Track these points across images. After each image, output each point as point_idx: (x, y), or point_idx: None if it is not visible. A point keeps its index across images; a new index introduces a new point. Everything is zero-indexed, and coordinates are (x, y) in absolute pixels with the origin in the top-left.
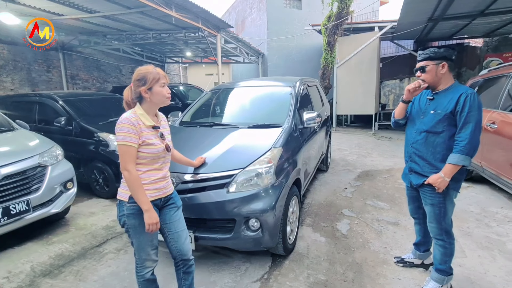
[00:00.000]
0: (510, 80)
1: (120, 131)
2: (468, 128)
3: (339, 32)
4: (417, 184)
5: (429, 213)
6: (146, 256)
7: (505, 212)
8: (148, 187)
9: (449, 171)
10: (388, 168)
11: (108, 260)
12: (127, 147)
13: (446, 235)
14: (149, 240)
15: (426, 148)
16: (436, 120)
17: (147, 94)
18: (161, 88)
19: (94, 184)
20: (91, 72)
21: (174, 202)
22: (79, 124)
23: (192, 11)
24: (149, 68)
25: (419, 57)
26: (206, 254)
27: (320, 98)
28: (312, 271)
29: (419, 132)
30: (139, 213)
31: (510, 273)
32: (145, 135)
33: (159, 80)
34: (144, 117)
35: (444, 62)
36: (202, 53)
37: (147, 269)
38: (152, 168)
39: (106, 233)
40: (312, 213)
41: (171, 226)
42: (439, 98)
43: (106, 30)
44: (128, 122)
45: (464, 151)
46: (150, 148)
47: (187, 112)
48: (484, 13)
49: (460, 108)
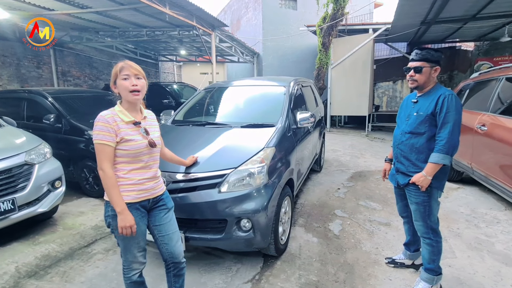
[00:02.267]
0: (500, 83)
1: (95, 129)
2: (446, 128)
3: (334, 33)
4: (403, 184)
5: (414, 211)
6: (132, 258)
7: (494, 213)
8: (133, 187)
9: (430, 170)
10: (380, 169)
11: (96, 260)
12: (101, 146)
13: (433, 234)
14: (135, 242)
15: (410, 149)
16: (418, 121)
17: (116, 89)
18: (122, 80)
19: (84, 183)
20: (82, 69)
21: (165, 204)
22: (69, 121)
23: (186, 9)
24: (117, 64)
25: (415, 57)
26: (197, 254)
27: (314, 99)
28: (304, 272)
29: (404, 133)
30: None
31: (498, 274)
32: (124, 131)
33: (122, 72)
34: (122, 114)
35: (438, 66)
36: (196, 52)
37: (134, 271)
38: (137, 167)
39: (95, 233)
40: (305, 213)
41: (162, 228)
42: (422, 101)
43: (99, 26)
44: (103, 120)
45: (443, 150)
46: (130, 145)
47: (180, 111)
48: (476, 17)
49: (439, 109)
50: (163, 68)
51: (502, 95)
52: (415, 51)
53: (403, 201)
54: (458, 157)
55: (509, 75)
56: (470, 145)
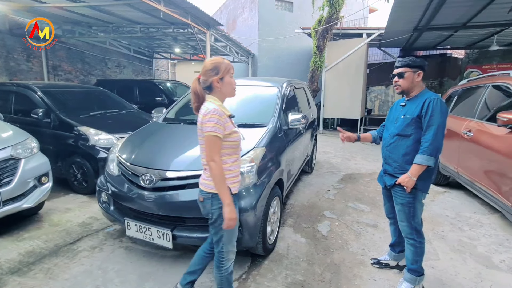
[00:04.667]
0: (486, 91)
1: (209, 122)
2: (431, 130)
3: (329, 36)
4: (390, 185)
5: (399, 212)
6: (232, 248)
7: (478, 217)
8: (237, 179)
9: (415, 171)
10: (370, 171)
11: (82, 258)
12: (215, 138)
13: (417, 234)
14: (236, 232)
15: (398, 150)
16: (405, 124)
17: (218, 84)
18: (230, 78)
19: (72, 180)
20: (74, 64)
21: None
22: (58, 116)
23: (181, 7)
24: (220, 59)
25: (398, 64)
26: (184, 253)
27: (307, 100)
28: (291, 272)
29: (392, 135)
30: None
31: (479, 276)
32: (228, 125)
33: (230, 71)
34: (223, 108)
35: (420, 71)
36: (191, 50)
37: (231, 261)
38: (236, 159)
39: (81, 230)
40: (294, 214)
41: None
42: (410, 104)
43: (92, 21)
44: (218, 113)
45: (427, 152)
46: (234, 136)
47: (172, 109)
48: (466, 26)
49: (424, 112)
50: (157, 65)
51: (488, 102)
52: (398, 59)
53: (390, 202)
54: (445, 162)
55: (495, 83)
56: (456, 150)
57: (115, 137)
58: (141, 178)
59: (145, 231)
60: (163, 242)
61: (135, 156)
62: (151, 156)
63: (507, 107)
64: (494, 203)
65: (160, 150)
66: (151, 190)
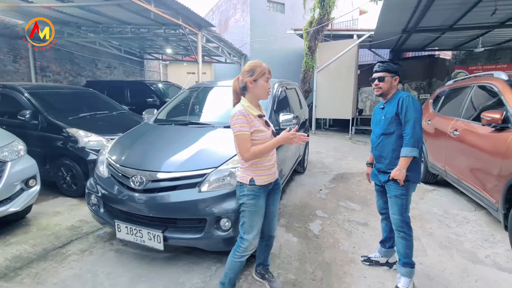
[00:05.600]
0: (471, 91)
1: (235, 124)
2: (409, 124)
3: (320, 37)
4: (384, 181)
5: (392, 205)
6: (249, 238)
7: (465, 214)
8: (263, 173)
9: (403, 163)
10: (362, 171)
11: (71, 262)
12: (243, 136)
13: (407, 227)
14: (260, 219)
15: (386, 148)
16: (387, 123)
17: (251, 84)
18: (264, 82)
19: (61, 182)
20: (63, 65)
21: (278, 185)
22: (46, 118)
23: (172, 7)
24: (258, 62)
25: (378, 68)
26: (176, 255)
27: (298, 101)
28: (282, 271)
29: (378, 135)
30: (257, 194)
31: (465, 271)
32: (255, 124)
33: (265, 75)
34: (250, 108)
35: (397, 76)
36: (183, 51)
37: (246, 252)
38: (265, 155)
39: (70, 233)
40: (286, 213)
41: (271, 207)
42: (387, 106)
43: (81, 21)
44: (240, 113)
45: (409, 144)
46: (261, 135)
47: (163, 110)
48: (453, 28)
49: (399, 109)
50: (148, 66)
51: (474, 102)
52: (378, 63)
53: (383, 198)
54: (433, 160)
55: (480, 83)
56: (444, 149)
57: (105, 139)
58: (131, 180)
59: (135, 233)
60: (154, 244)
61: (125, 158)
62: (141, 157)
63: (491, 107)
64: (479, 200)
65: (150, 151)
66: (142, 192)
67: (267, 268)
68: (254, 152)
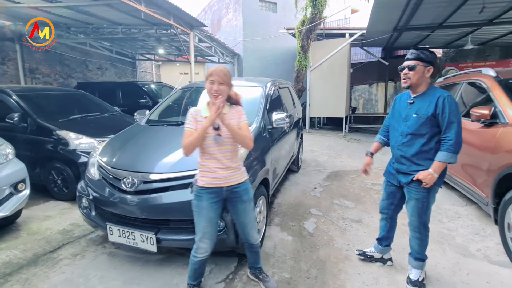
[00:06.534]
0: (461, 87)
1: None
2: (453, 128)
3: (312, 36)
4: (406, 182)
5: (412, 207)
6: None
7: (456, 209)
8: (206, 174)
9: (438, 168)
10: (355, 169)
11: (63, 266)
12: (186, 132)
13: (424, 228)
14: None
15: (412, 149)
16: (420, 123)
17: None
18: (208, 83)
19: (52, 186)
20: (53, 66)
21: (240, 196)
22: (35, 121)
23: (163, 7)
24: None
25: (410, 55)
26: (170, 256)
27: (291, 100)
28: (277, 270)
29: (405, 135)
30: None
31: (457, 265)
32: (200, 124)
33: (209, 77)
34: (204, 110)
35: (431, 67)
36: (175, 51)
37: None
38: (209, 156)
39: (62, 237)
40: (281, 212)
41: (237, 217)
42: (419, 102)
43: (71, 22)
44: (189, 113)
45: (451, 149)
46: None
47: (155, 111)
48: (442, 26)
49: (440, 110)
50: (140, 67)
51: (464, 98)
52: (411, 50)
53: (389, 199)
54: None
55: (469, 80)
56: None
57: (97, 141)
58: (122, 182)
59: (128, 236)
60: (147, 246)
61: (116, 160)
62: (133, 159)
63: (480, 103)
64: (470, 195)
65: (142, 153)
66: (134, 194)
67: (260, 269)
68: (185, 143)
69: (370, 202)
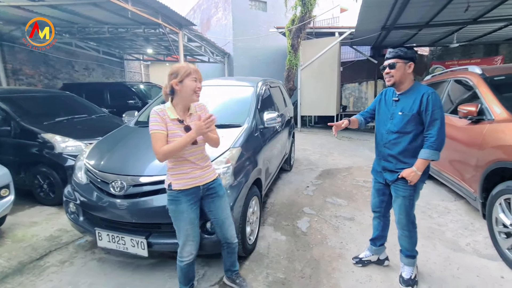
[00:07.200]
0: (449, 85)
1: (150, 122)
2: (435, 125)
3: (302, 35)
4: (392, 180)
5: (400, 205)
6: (184, 241)
7: (445, 204)
8: (181, 176)
9: (421, 165)
10: (347, 166)
11: (50, 274)
12: (156, 134)
13: (412, 225)
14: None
15: (398, 147)
16: (405, 121)
17: (177, 86)
18: (191, 81)
19: (38, 191)
20: (37, 67)
21: (216, 192)
22: (19, 124)
23: (150, 6)
24: (182, 64)
25: (389, 55)
26: (162, 260)
27: (283, 99)
28: (271, 270)
29: (391, 132)
30: (176, 199)
31: (447, 259)
32: (169, 127)
33: (190, 75)
34: (170, 110)
35: (411, 63)
36: (164, 51)
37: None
38: (182, 159)
39: (49, 244)
40: (274, 212)
41: (214, 214)
42: (404, 99)
43: (55, 21)
44: (155, 112)
45: (433, 146)
46: (175, 140)
47: (144, 112)
48: (429, 25)
49: (424, 107)
50: (129, 67)
51: (451, 96)
52: (389, 50)
53: (379, 197)
54: None
55: (456, 78)
56: None
57: (84, 143)
58: (111, 186)
59: (118, 241)
60: (138, 251)
61: (104, 163)
62: (122, 161)
63: (467, 100)
64: (459, 191)
65: (132, 155)
66: (123, 198)
67: (237, 272)
68: (164, 151)
69: (362, 200)
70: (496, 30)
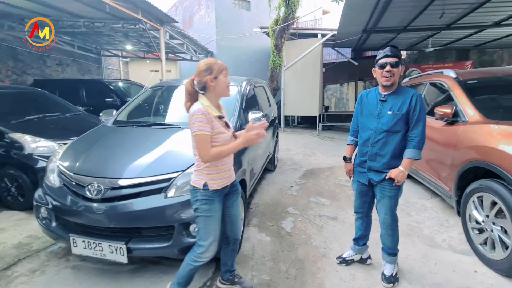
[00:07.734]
0: (425, 88)
1: (195, 122)
2: (419, 126)
3: (286, 36)
4: (378, 181)
5: (386, 206)
6: (211, 242)
7: (423, 202)
8: (218, 176)
9: (408, 165)
10: (330, 166)
11: (19, 284)
12: (204, 135)
13: (396, 224)
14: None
15: (387, 147)
16: (395, 120)
17: (212, 83)
18: (224, 77)
19: (5, 195)
20: (4, 62)
21: (237, 189)
22: None
23: (130, 0)
24: (213, 60)
25: (390, 53)
26: (143, 266)
27: (267, 99)
28: (256, 272)
29: (379, 132)
30: (210, 199)
31: (425, 256)
32: (215, 125)
33: (223, 71)
34: (210, 108)
35: (403, 65)
36: (145, 48)
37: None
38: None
39: (17, 252)
40: (259, 213)
41: (231, 210)
42: (392, 99)
43: (24, 13)
44: (200, 112)
45: (417, 146)
46: (222, 137)
47: (123, 111)
48: (406, 29)
49: (412, 108)
50: (107, 63)
51: (427, 98)
52: (390, 48)
53: (362, 198)
54: None
55: (432, 81)
56: None
57: (57, 144)
58: (87, 189)
59: (95, 247)
60: (117, 257)
61: (79, 164)
62: (99, 163)
63: (443, 102)
64: (435, 189)
65: (110, 156)
66: (100, 201)
67: (234, 272)
68: (214, 154)
69: (344, 199)
70: (467, 36)
